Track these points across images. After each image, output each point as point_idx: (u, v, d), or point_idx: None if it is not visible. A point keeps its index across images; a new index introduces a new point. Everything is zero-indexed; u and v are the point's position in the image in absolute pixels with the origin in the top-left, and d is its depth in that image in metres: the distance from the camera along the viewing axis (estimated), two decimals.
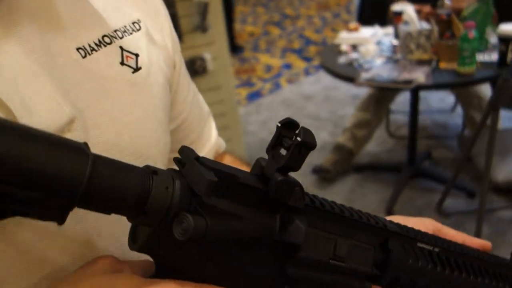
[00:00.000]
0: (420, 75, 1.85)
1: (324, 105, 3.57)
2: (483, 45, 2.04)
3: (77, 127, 0.38)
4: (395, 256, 0.33)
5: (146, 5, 0.50)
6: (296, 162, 0.28)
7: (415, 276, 0.34)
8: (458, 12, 2.33)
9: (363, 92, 3.64)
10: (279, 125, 0.29)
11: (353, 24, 2.41)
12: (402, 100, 3.21)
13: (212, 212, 0.27)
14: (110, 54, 0.43)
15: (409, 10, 2.06)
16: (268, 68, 4.48)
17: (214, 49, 2.00)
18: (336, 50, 2.35)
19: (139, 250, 0.28)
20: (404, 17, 2.06)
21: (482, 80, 1.88)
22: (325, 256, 0.30)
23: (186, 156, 0.27)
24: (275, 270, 0.30)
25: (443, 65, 1.99)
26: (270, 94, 3.89)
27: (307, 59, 4.62)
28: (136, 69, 0.45)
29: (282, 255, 0.29)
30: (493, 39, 2.08)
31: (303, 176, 2.53)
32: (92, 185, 0.23)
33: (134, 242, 0.28)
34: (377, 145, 2.89)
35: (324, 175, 2.52)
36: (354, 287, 0.32)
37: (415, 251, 0.35)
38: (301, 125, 0.28)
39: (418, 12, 2.27)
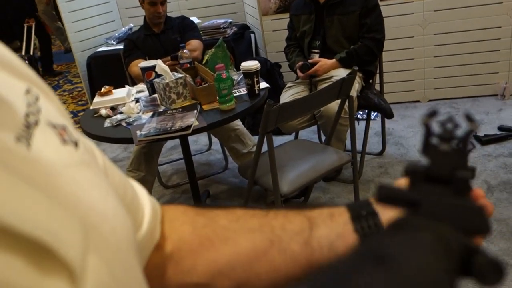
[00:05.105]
0: (193, 120, 1.95)
1: None
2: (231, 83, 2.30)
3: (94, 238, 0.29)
4: None
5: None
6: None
7: None
8: (196, 61, 2.56)
9: (120, 155, 3.57)
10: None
11: (106, 88, 2.35)
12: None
13: None
14: (45, 134, 0.31)
15: (161, 64, 2.14)
16: None
17: None
18: (95, 116, 2.24)
19: None
20: (157, 70, 2.14)
21: (244, 112, 2.10)
22: None
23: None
24: None
25: (206, 107, 2.14)
26: None
27: None
28: (76, 143, 0.34)
29: None
30: (235, 77, 2.37)
31: None
32: None
33: None
34: (157, 199, 2.85)
35: None
36: None
37: None
38: None
39: None
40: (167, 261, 0.48)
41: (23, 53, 5.45)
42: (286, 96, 2.67)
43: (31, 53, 5.56)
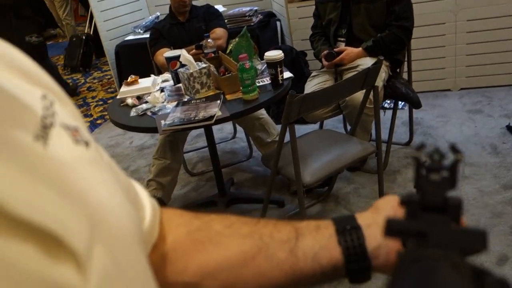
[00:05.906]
0: (217, 110, 1.96)
1: None
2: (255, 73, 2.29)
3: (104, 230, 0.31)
4: None
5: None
6: None
7: None
8: (220, 49, 2.56)
9: (147, 142, 3.63)
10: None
11: (132, 77, 2.38)
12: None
13: None
14: (59, 135, 0.34)
15: (185, 53, 2.15)
16: None
17: None
18: (122, 105, 2.28)
19: None
20: (182, 60, 2.15)
21: (267, 102, 2.10)
22: None
23: None
24: None
25: (229, 97, 2.14)
26: None
27: None
28: (87, 143, 0.36)
29: None
30: (259, 66, 2.36)
31: None
32: None
33: None
34: (182, 187, 2.91)
35: None
36: None
37: None
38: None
39: None
40: (163, 261, 0.50)
41: (85, 31, 6.15)
42: (311, 86, 2.65)
43: (91, 32, 6.00)
